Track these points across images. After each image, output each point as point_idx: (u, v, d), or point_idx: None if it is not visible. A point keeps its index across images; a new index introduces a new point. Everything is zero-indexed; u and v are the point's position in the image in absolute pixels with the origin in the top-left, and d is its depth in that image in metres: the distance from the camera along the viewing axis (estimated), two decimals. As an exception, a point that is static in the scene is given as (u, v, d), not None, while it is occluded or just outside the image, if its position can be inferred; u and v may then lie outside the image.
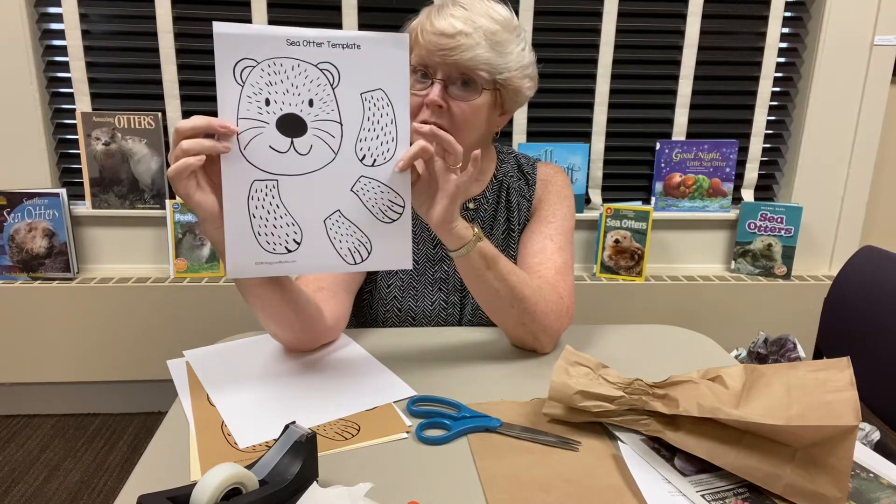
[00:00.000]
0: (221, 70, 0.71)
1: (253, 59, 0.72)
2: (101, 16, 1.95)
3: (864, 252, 1.26)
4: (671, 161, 2.16)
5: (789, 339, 1.28)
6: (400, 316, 1.07)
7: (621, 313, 2.10)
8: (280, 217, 0.76)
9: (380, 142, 0.79)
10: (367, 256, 0.81)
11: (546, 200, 1.09)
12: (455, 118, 0.94)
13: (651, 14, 2.07)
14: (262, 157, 0.74)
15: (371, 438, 0.72)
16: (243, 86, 0.72)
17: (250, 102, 0.73)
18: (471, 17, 0.92)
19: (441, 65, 0.92)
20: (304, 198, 0.77)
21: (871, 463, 0.68)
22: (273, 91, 0.73)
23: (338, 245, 0.79)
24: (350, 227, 0.79)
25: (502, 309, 0.93)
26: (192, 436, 0.72)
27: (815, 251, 2.24)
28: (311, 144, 0.76)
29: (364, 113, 0.77)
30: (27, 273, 1.99)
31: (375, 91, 0.77)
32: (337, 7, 1.96)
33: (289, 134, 0.75)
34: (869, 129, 2.14)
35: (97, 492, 1.73)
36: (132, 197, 2.03)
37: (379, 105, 0.78)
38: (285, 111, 0.74)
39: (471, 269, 0.89)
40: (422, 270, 1.08)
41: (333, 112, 0.76)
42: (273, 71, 0.73)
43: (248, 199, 0.75)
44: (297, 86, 0.74)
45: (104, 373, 2.04)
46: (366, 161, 0.78)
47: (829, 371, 0.65)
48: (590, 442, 0.72)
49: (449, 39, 0.90)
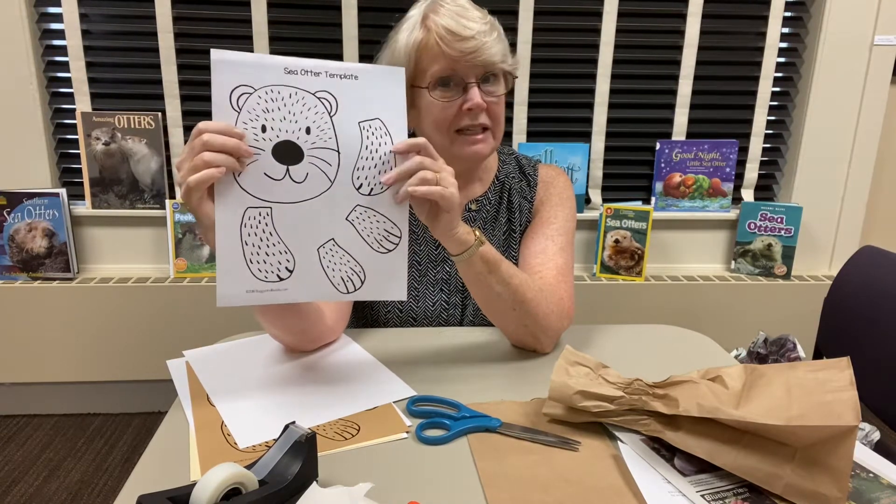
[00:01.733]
0: (218, 96, 0.70)
1: (250, 85, 0.71)
2: (101, 16, 1.95)
3: (864, 252, 1.26)
4: (671, 161, 2.16)
5: (789, 339, 1.28)
6: (401, 317, 1.07)
7: (621, 313, 2.10)
8: (273, 245, 0.75)
9: (377, 171, 0.78)
10: (361, 286, 0.80)
11: (548, 202, 1.09)
12: (493, 115, 0.97)
13: (651, 14, 2.07)
14: (257, 184, 0.73)
15: (371, 438, 0.72)
16: (239, 112, 0.71)
17: (246, 128, 0.72)
18: (473, 15, 0.94)
19: (470, 67, 0.93)
20: (299, 226, 0.76)
21: (871, 463, 0.68)
22: (270, 118, 0.72)
23: (331, 274, 0.78)
24: (344, 256, 0.78)
25: (504, 311, 0.93)
26: (192, 436, 0.72)
27: (815, 251, 2.24)
28: (307, 172, 0.75)
29: (362, 142, 0.77)
30: (27, 273, 1.99)
31: (373, 121, 0.77)
32: (337, 7, 1.96)
33: (285, 161, 0.74)
34: (869, 129, 2.14)
35: (97, 492, 1.73)
36: (132, 197, 2.03)
37: (377, 134, 0.77)
38: (282, 138, 0.73)
39: (473, 273, 0.89)
40: (423, 271, 1.08)
41: (331, 140, 0.75)
42: (270, 98, 0.72)
43: (241, 226, 0.73)
44: (294, 113, 0.73)
45: (104, 373, 2.04)
46: (362, 190, 0.78)
47: (829, 371, 0.65)
48: (590, 442, 0.72)
49: (471, 41, 0.92)
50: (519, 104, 2.08)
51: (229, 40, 1.96)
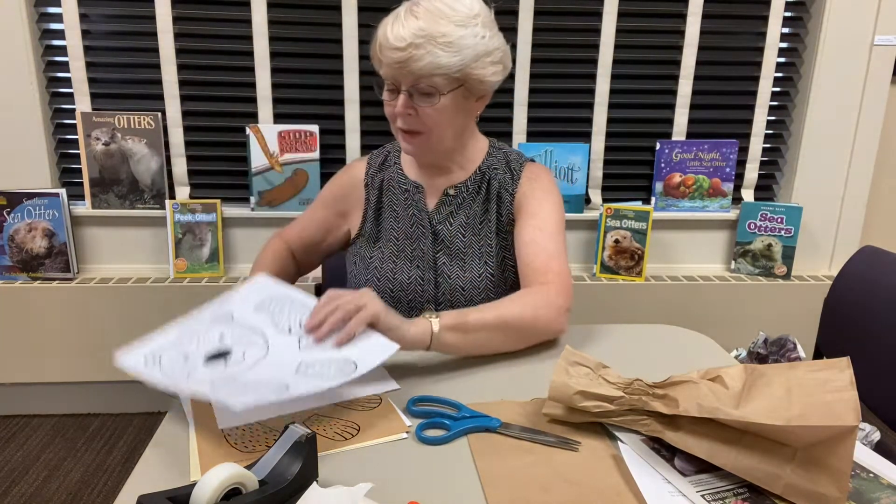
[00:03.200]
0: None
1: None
2: (101, 16, 1.95)
3: (864, 252, 1.26)
4: (671, 161, 2.16)
5: (789, 340, 1.28)
6: (379, 286, 1.10)
7: (621, 313, 2.10)
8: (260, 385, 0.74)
9: (299, 321, 0.83)
10: (357, 368, 0.77)
11: (532, 196, 1.10)
12: (425, 121, 0.99)
13: (651, 14, 2.07)
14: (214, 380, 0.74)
15: (371, 438, 0.72)
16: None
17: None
18: (419, 24, 0.93)
19: (401, 75, 0.96)
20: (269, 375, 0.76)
21: (871, 463, 0.68)
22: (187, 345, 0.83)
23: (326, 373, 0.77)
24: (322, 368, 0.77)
25: (504, 344, 0.95)
26: (192, 436, 0.72)
27: (815, 251, 2.24)
28: (243, 351, 0.80)
29: (272, 317, 0.85)
30: (27, 273, 1.99)
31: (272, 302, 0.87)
32: (337, 7, 1.96)
33: (216, 358, 0.80)
34: (869, 129, 2.14)
35: (97, 492, 1.73)
36: (132, 197, 2.03)
37: (281, 305, 0.86)
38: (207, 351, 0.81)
39: (454, 347, 0.90)
40: (401, 246, 1.11)
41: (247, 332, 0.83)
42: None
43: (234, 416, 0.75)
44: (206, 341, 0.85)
45: (104, 373, 2.04)
46: (302, 343, 0.81)
47: (829, 371, 0.65)
48: (590, 442, 0.72)
49: (401, 53, 0.94)
50: (519, 104, 2.08)
51: (229, 40, 1.96)
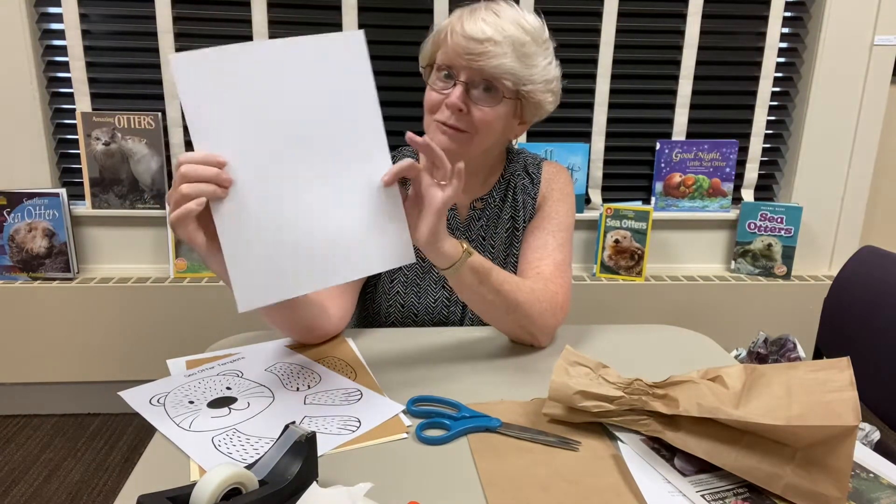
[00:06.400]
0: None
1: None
2: (101, 16, 1.95)
3: (864, 252, 1.26)
4: (671, 161, 2.16)
5: (789, 339, 1.28)
6: (402, 312, 1.08)
7: (621, 313, 2.10)
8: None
9: (307, 384, 0.82)
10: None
11: (550, 198, 1.10)
12: (474, 122, 0.95)
13: (651, 14, 2.07)
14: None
15: (371, 438, 0.72)
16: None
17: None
18: (501, 24, 0.91)
19: (466, 68, 0.93)
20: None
21: (871, 463, 0.68)
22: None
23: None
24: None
25: (499, 317, 0.95)
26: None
27: (815, 251, 2.24)
28: (248, 401, 0.79)
29: (280, 378, 0.83)
30: (27, 273, 1.99)
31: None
32: (337, 7, 1.96)
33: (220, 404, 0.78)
34: (869, 129, 2.14)
35: (97, 492, 1.73)
36: (132, 197, 2.03)
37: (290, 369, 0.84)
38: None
39: (463, 285, 0.90)
40: (427, 268, 1.09)
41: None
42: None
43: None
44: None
45: (104, 373, 2.04)
46: (307, 400, 0.80)
47: (829, 371, 0.65)
48: (590, 442, 0.72)
49: (477, 44, 0.90)
50: (519, 104, 2.07)
51: (230, 40, 1.96)
